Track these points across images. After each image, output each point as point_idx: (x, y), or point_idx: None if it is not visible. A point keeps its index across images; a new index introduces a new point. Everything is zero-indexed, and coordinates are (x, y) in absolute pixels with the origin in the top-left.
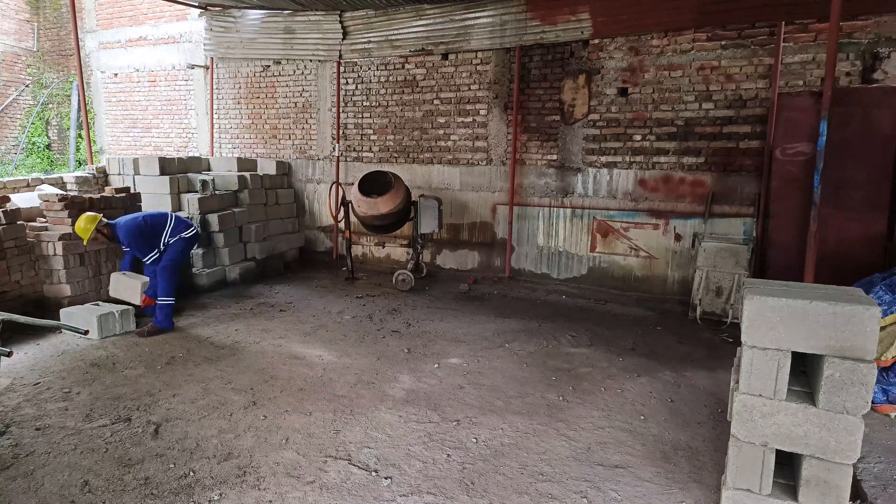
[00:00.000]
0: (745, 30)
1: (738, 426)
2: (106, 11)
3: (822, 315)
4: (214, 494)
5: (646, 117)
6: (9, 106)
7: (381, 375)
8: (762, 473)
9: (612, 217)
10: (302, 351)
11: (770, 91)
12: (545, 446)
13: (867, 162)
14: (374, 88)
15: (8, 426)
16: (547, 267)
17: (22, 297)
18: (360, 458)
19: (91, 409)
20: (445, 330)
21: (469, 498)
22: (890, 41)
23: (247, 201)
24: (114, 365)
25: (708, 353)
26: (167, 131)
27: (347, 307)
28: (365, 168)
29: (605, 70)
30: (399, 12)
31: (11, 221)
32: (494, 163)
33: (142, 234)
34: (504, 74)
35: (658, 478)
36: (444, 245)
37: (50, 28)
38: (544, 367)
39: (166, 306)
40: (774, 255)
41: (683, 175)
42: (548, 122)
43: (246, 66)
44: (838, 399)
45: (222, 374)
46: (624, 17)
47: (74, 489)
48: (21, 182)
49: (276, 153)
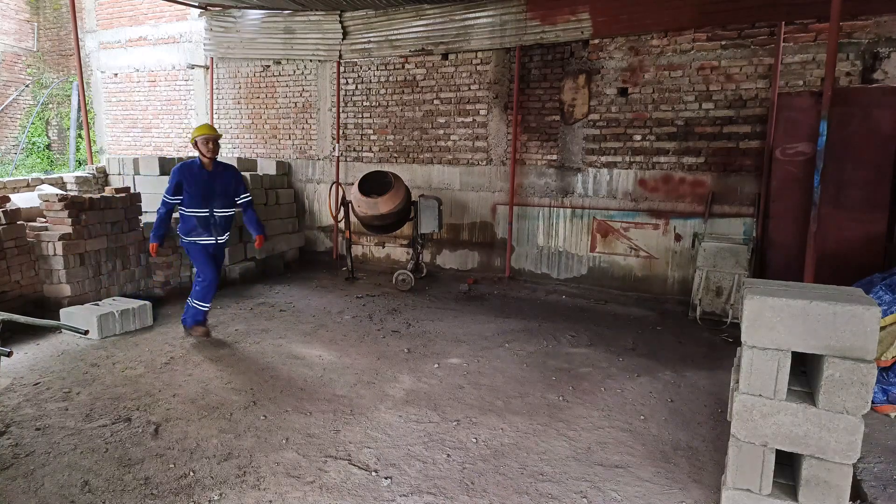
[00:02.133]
0: (745, 30)
1: (738, 426)
2: (106, 11)
3: (822, 315)
4: (214, 494)
5: (646, 117)
6: (9, 106)
7: (381, 375)
8: (762, 473)
9: (612, 217)
10: (302, 351)
11: (770, 91)
12: (545, 446)
13: (867, 162)
14: (374, 88)
15: (8, 426)
16: (547, 267)
17: (22, 297)
18: (360, 458)
19: (91, 409)
20: (445, 330)
21: (469, 498)
22: (890, 41)
23: None
24: (114, 365)
25: (708, 353)
26: (167, 131)
27: (347, 307)
28: (365, 168)
29: (605, 70)
30: (399, 12)
31: (11, 221)
32: (494, 163)
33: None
34: (504, 74)
35: (658, 478)
36: (444, 245)
37: (50, 28)
38: (544, 367)
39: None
40: (774, 255)
41: (683, 175)
42: (548, 122)
43: (246, 66)
44: (838, 399)
45: (222, 374)
46: (624, 17)
47: (74, 489)
48: (21, 182)
49: (276, 153)
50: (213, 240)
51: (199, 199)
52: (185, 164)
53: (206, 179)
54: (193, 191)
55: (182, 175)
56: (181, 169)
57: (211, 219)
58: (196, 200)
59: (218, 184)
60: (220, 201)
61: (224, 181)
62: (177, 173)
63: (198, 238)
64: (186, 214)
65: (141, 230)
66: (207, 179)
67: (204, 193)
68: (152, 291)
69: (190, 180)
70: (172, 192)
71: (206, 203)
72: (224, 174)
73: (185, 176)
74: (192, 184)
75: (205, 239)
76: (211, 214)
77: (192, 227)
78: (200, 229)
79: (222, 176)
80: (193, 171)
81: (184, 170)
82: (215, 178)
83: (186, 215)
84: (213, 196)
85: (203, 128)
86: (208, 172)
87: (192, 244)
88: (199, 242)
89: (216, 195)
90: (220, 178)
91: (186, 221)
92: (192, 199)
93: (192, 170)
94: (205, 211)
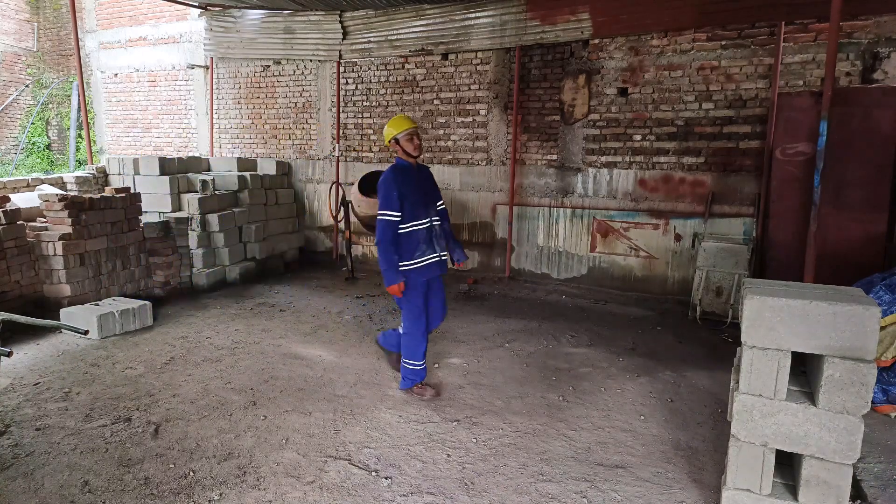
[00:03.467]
0: (745, 30)
1: (738, 426)
2: (106, 11)
3: (822, 315)
4: (214, 494)
5: (646, 117)
6: (9, 106)
7: (381, 375)
8: (762, 473)
9: (612, 217)
10: (302, 351)
11: (770, 91)
12: (545, 446)
13: (867, 162)
14: (374, 88)
15: (8, 426)
16: (547, 267)
17: (22, 297)
18: (360, 458)
19: (91, 409)
20: (445, 330)
21: (469, 498)
22: (890, 41)
23: (247, 201)
24: (114, 365)
25: (708, 353)
26: (167, 131)
27: (347, 307)
28: (365, 168)
29: (605, 70)
30: (399, 12)
31: (11, 221)
32: (494, 163)
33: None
34: (504, 74)
35: (658, 478)
36: None
37: (50, 28)
38: (544, 367)
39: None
40: (774, 255)
41: (683, 175)
42: (548, 122)
43: (246, 66)
44: (838, 399)
45: (222, 374)
46: (624, 17)
47: (74, 489)
48: (21, 182)
49: (276, 153)
50: (437, 256)
51: (420, 207)
52: (397, 168)
53: (420, 182)
54: (414, 198)
55: (401, 182)
56: (396, 176)
57: (432, 230)
58: (418, 210)
59: (424, 183)
60: (433, 205)
61: (429, 183)
62: (394, 182)
63: (422, 260)
64: (409, 231)
65: (141, 230)
66: (420, 182)
67: (423, 199)
68: (152, 291)
69: (409, 187)
70: (398, 205)
71: (426, 211)
72: (426, 174)
73: (405, 182)
74: (411, 190)
75: (430, 257)
76: (431, 224)
77: (416, 245)
78: (425, 246)
79: (427, 177)
80: (410, 176)
81: (398, 175)
82: (423, 181)
83: (409, 232)
84: (429, 201)
85: (402, 121)
86: (417, 173)
87: (414, 274)
88: (423, 264)
89: (428, 196)
90: (427, 180)
91: (410, 240)
92: (413, 208)
93: (407, 174)
94: (425, 221)
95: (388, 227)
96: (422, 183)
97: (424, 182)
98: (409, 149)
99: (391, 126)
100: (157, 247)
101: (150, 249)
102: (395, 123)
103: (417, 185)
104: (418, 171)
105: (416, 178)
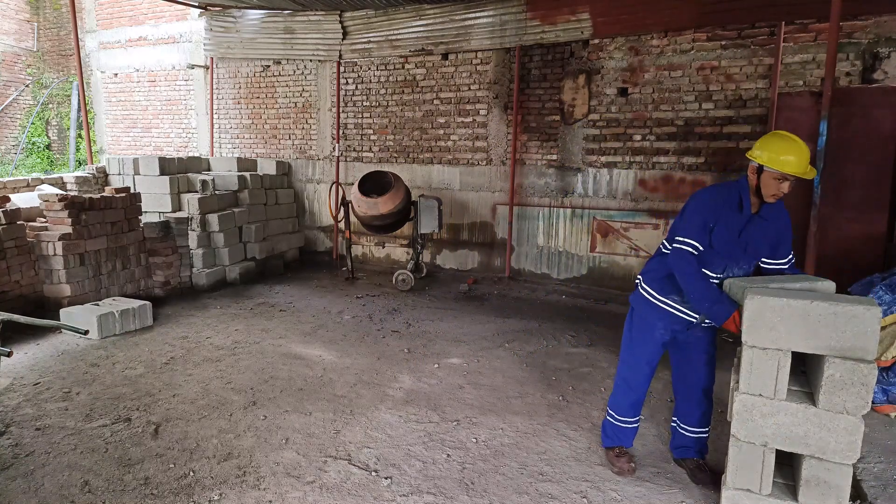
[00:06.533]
0: (745, 30)
1: (738, 426)
2: (106, 11)
3: (823, 315)
4: (214, 494)
5: (646, 117)
6: (9, 106)
7: (381, 375)
8: (762, 473)
9: (612, 217)
10: (302, 351)
11: (770, 91)
12: (545, 446)
13: (867, 162)
14: (374, 88)
15: (8, 426)
16: (547, 267)
17: (22, 297)
18: (360, 458)
19: (91, 409)
20: (445, 330)
21: (469, 498)
22: (890, 41)
23: (247, 201)
24: (114, 365)
25: None
26: (167, 131)
27: (347, 307)
28: (365, 168)
29: (605, 70)
30: (399, 12)
31: (11, 221)
32: (494, 163)
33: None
34: (504, 74)
35: (658, 478)
36: (444, 245)
37: (50, 28)
38: (544, 367)
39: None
40: None
41: (683, 175)
42: (548, 122)
43: (246, 66)
44: (838, 399)
45: (222, 374)
46: (624, 17)
47: (74, 489)
48: (21, 182)
49: (276, 153)
50: (693, 319)
51: (723, 255)
52: (720, 191)
53: (744, 226)
54: (723, 242)
55: (714, 211)
56: (713, 200)
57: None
58: (720, 258)
59: (757, 233)
60: (747, 262)
61: (766, 230)
62: (705, 207)
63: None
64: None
65: (141, 230)
66: (746, 226)
67: (735, 250)
68: (152, 291)
69: (723, 223)
70: (698, 235)
71: (732, 263)
72: (772, 218)
73: (718, 214)
74: (724, 229)
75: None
76: (720, 282)
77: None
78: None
79: (769, 222)
80: (731, 209)
81: (718, 201)
82: (756, 225)
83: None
84: (744, 253)
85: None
86: (749, 215)
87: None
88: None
89: (747, 252)
90: (763, 226)
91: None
92: (713, 254)
93: (729, 206)
94: (718, 276)
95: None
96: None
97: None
98: (771, 186)
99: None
100: (157, 247)
101: (150, 249)
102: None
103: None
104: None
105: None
